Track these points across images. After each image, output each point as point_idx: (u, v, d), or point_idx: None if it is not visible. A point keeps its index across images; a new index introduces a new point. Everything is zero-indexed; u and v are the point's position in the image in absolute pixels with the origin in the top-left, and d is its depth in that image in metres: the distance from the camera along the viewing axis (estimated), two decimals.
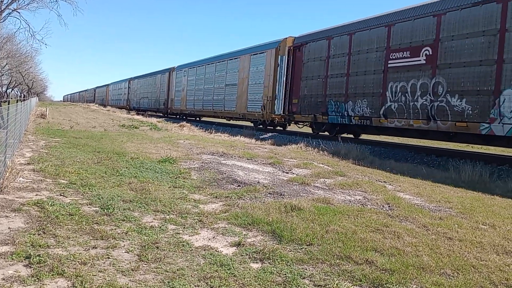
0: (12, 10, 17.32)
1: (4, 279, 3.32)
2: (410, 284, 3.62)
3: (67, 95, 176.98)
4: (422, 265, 3.98)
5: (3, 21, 17.51)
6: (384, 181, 8.59)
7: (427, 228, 5.23)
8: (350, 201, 6.57)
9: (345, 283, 3.62)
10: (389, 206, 6.30)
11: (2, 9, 16.73)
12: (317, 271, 3.84)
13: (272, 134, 21.58)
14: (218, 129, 23.65)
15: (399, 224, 5.30)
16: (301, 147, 14.50)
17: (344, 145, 14.09)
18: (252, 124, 25.23)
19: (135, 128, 20.94)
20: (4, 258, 3.71)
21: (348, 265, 3.96)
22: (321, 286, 3.56)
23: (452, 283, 3.67)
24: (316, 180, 8.21)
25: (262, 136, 20.34)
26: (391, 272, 3.79)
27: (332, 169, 9.76)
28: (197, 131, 21.31)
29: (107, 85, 77.41)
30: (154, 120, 29.42)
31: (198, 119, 35.75)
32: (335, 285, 3.55)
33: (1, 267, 3.54)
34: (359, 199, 6.75)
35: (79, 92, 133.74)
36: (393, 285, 3.58)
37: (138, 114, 46.09)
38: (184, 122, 26.78)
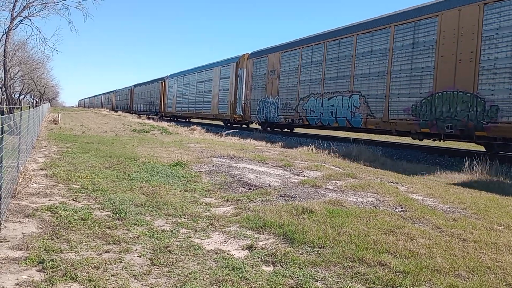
0: (24, 18, 17.53)
1: (18, 284, 3.34)
2: (424, 286, 3.58)
3: (84, 99, 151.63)
4: (436, 267, 3.93)
5: (15, 28, 17.71)
6: (396, 183, 8.52)
7: (441, 229, 5.17)
8: (362, 203, 6.52)
9: (358, 285, 3.58)
10: (401, 208, 6.24)
11: (14, 16, 16.92)
12: (329, 273, 3.81)
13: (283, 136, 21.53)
14: (228, 132, 23.68)
15: (412, 226, 5.24)
16: (311, 149, 14.46)
17: (356, 147, 14.01)
18: None
19: (146, 132, 21.06)
20: (18, 263, 3.74)
21: (361, 267, 3.93)
22: None
23: (467, 285, 3.61)
24: (328, 182, 8.17)
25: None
26: (405, 274, 3.75)
27: (344, 171, 9.70)
28: (207, 135, 21.37)
29: (162, 79, 45.19)
30: (165, 124, 29.57)
31: None
32: None
33: (15, 272, 3.57)
34: (371, 201, 6.70)
35: (103, 94, 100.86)
36: None
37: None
38: (195, 126, 26.78)
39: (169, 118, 41.51)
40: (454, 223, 5.45)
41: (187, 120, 39.02)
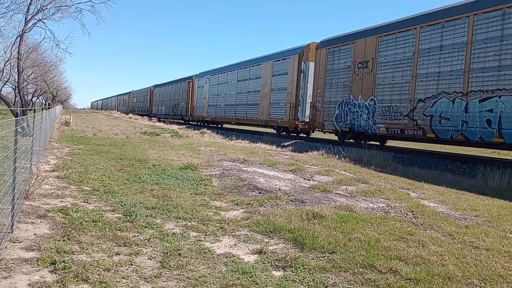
0: (38, 21, 17.71)
1: (30, 285, 3.37)
2: None
3: (97, 101, 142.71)
4: (448, 274, 3.89)
5: (29, 31, 17.91)
6: (407, 189, 8.45)
7: (453, 236, 5.12)
8: (373, 209, 6.48)
9: None
10: (413, 214, 6.19)
11: (28, 19, 17.13)
12: (340, 279, 3.79)
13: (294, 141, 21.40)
14: (239, 136, 23.68)
15: (423, 233, 5.20)
16: (322, 154, 14.42)
17: (367, 152, 13.95)
18: None
19: (157, 135, 21.16)
20: (30, 264, 3.78)
21: (372, 274, 3.90)
22: None
23: None
24: (338, 187, 8.13)
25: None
26: (416, 282, 3.71)
27: (354, 176, 9.66)
28: (217, 138, 21.41)
29: (190, 78, 39.08)
30: (175, 127, 29.68)
31: None
32: None
33: (27, 272, 3.60)
34: (382, 207, 6.66)
35: (117, 96, 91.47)
36: None
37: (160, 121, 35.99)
38: (205, 129, 26.73)
39: (196, 123, 36.40)
40: (466, 230, 5.40)
41: (219, 125, 33.69)
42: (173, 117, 42.65)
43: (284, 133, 22.73)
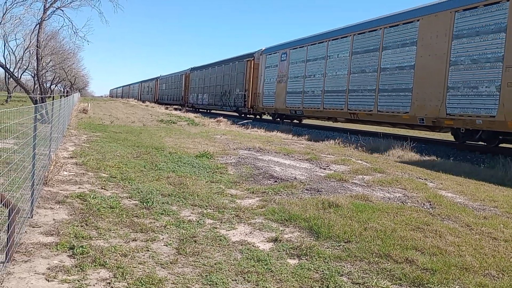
0: (56, 8, 17.87)
1: (49, 269, 3.44)
2: (453, 284, 3.51)
3: (117, 88, 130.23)
4: (465, 265, 3.85)
5: (48, 19, 18.09)
6: (425, 179, 8.36)
7: (471, 227, 5.05)
8: (390, 199, 6.43)
9: (384, 281, 3.54)
10: (430, 204, 6.13)
11: (47, 7, 17.31)
12: (355, 268, 3.78)
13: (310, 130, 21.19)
14: (255, 124, 23.65)
15: (441, 223, 5.14)
16: (338, 143, 14.33)
17: (384, 141, 13.81)
18: None
19: (173, 123, 21.27)
20: (50, 248, 3.85)
21: (388, 263, 3.88)
22: (360, 284, 3.50)
23: (497, 284, 3.52)
24: (354, 177, 8.08)
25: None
26: (433, 272, 3.68)
27: (371, 165, 9.58)
28: (233, 127, 21.43)
29: (250, 56, 28.87)
30: (191, 115, 29.76)
31: None
32: (374, 284, 3.48)
33: (46, 257, 3.68)
34: (399, 197, 6.60)
35: (141, 82, 80.00)
36: (434, 286, 3.47)
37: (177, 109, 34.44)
38: (222, 118, 26.65)
39: (256, 117, 28.06)
40: (485, 221, 5.32)
41: (299, 121, 24.87)
42: (222, 108, 33.13)
43: (484, 143, 13.19)
